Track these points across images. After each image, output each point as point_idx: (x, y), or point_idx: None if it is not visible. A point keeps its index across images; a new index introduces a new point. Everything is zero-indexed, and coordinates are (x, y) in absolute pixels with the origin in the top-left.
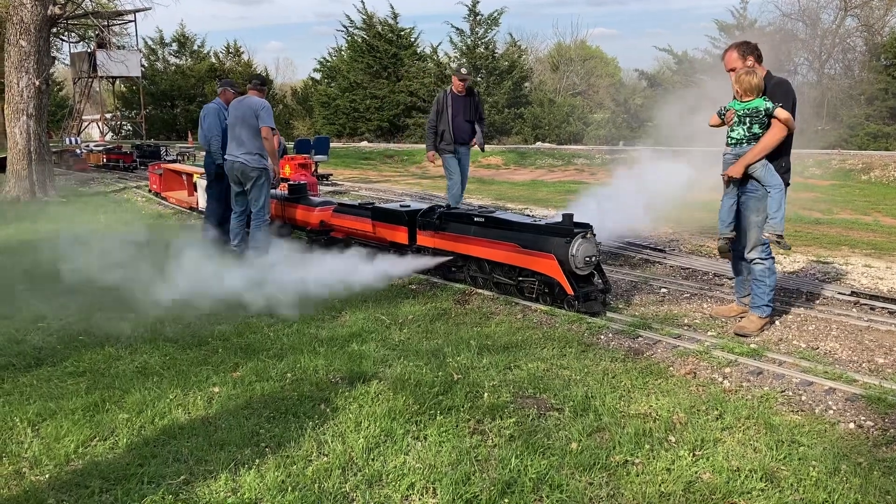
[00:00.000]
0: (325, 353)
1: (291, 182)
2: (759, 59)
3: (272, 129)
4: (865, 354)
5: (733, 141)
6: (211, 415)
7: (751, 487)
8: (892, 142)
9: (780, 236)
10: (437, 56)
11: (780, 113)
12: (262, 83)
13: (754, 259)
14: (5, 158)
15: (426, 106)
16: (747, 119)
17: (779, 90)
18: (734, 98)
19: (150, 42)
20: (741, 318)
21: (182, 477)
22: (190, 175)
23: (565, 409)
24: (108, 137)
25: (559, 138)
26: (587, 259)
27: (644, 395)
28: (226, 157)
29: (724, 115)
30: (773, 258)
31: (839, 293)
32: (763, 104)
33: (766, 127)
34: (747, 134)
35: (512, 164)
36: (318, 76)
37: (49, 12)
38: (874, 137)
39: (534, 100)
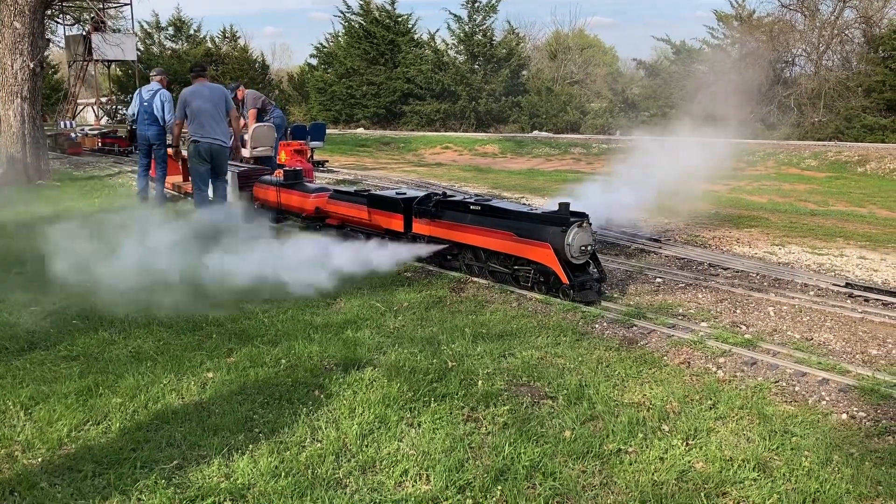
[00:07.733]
0: (320, 339)
1: (287, 168)
2: None
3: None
4: (859, 346)
5: None
6: (205, 400)
7: (743, 477)
8: (888, 134)
9: None
10: (435, 43)
11: None
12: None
13: None
14: None
15: (423, 93)
16: None
17: None
18: None
19: (146, 26)
20: None
21: (175, 462)
22: (185, 160)
23: (559, 398)
24: (103, 121)
25: (556, 127)
26: (583, 248)
27: (638, 384)
28: (202, 138)
29: None
30: None
31: (833, 284)
32: None
33: None
34: None
35: (508, 152)
36: (314, 62)
37: None
38: (870, 130)
39: (531, 88)
